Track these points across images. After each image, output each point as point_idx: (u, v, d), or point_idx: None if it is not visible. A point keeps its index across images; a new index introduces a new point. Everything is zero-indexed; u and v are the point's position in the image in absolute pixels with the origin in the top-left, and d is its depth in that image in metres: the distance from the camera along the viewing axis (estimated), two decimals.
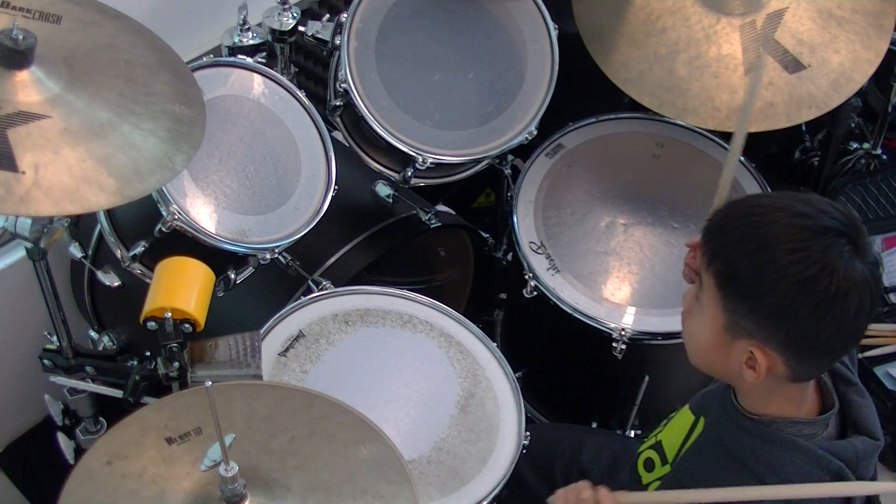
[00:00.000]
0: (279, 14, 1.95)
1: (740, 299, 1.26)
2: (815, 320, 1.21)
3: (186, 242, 1.64)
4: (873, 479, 1.38)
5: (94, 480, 1.18)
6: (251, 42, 1.94)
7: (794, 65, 1.92)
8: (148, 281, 1.49)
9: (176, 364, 1.46)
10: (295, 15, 1.96)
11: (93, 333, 2.13)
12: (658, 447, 1.55)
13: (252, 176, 1.75)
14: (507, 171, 2.14)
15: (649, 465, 1.56)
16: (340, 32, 1.86)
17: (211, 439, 1.16)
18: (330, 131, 1.87)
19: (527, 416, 1.69)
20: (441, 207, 2.13)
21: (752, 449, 1.32)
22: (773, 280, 1.22)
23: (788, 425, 1.31)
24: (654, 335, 1.89)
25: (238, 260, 1.77)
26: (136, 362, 1.58)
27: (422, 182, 1.99)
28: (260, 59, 1.85)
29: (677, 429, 1.51)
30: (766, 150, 2.69)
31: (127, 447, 1.21)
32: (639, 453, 1.60)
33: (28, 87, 1.32)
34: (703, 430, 1.44)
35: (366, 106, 1.86)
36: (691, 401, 1.53)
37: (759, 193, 1.91)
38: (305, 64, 2.42)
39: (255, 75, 1.80)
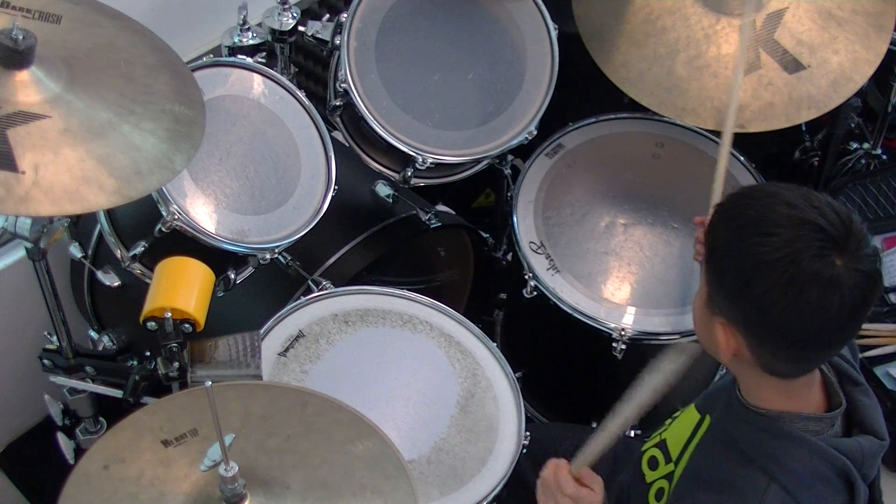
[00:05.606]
0: (279, 14, 1.95)
1: (715, 274, 1.30)
2: (767, 305, 1.21)
3: (186, 242, 1.64)
4: (877, 479, 1.38)
5: (92, 485, 1.18)
6: (251, 42, 1.94)
7: (793, 65, 1.92)
8: (148, 281, 1.49)
9: (176, 364, 1.46)
10: (295, 15, 1.96)
11: (93, 333, 2.13)
12: (662, 445, 1.55)
13: (252, 176, 1.75)
14: (507, 171, 2.14)
15: (653, 463, 1.56)
16: (340, 32, 1.86)
17: (207, 440, 1.16)
18: (330, 131, 1.87)
19: (527, 416, 1.69)
20: (441, 207, 2.13)
21: (758, 443, 1.32)
22: (737, 258, 1.24)
23: (796, 420, 1.31)
24: (654, 335, 1.89)
25: (238, 260, 1.77)
26: (136, 362, 1.59)
27: (422, 182, 1.99)
28: (260, 59, 1.85)
29: (682, 427, 1.51)
30: (766, 150, 2.69)
31: (123, 451, 1.21)
32: (642, 452, 1.60)
33: (28, 87, 1.33)
34: (710, 427, 1.44)
35: (366, 106, 1.86)
36: (696, 400, 1.53)
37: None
38: (305, 64, 2.42)
39: (255, 75, 1.80)
